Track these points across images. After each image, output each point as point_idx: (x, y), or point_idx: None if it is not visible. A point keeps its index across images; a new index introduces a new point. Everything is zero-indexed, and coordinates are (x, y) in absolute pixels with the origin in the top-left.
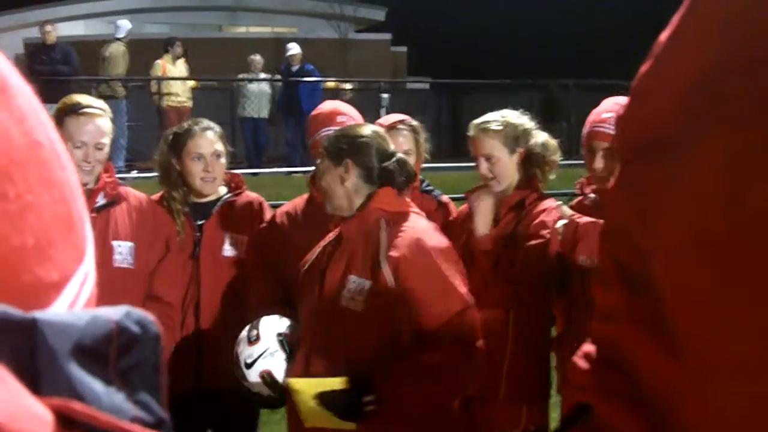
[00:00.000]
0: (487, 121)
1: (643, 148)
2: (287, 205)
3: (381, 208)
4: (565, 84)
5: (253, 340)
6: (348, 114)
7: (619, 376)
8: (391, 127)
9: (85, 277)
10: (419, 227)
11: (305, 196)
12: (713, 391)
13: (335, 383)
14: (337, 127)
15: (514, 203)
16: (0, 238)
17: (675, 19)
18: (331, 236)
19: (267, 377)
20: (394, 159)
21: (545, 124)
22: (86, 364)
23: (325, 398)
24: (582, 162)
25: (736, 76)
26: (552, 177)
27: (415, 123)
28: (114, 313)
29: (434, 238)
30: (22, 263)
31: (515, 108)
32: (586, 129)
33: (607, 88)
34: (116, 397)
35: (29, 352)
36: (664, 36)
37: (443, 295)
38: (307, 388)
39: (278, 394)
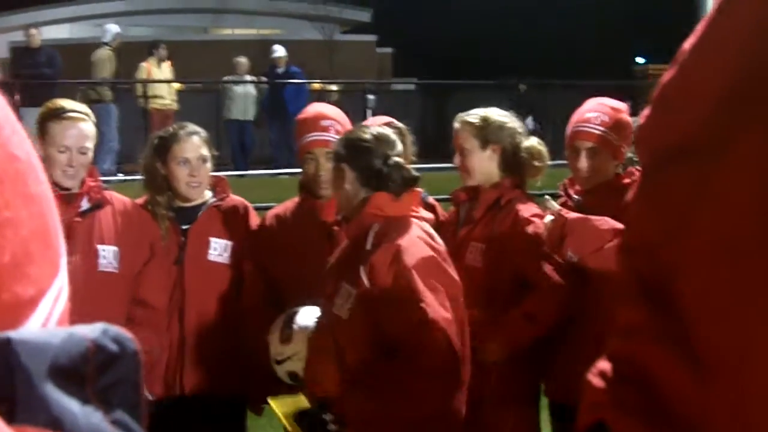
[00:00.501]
0: (467, 114)
1: (667, 157)
2: (277, 208)
3: (375, 213)
4: (551, 84)
5: (285, 339)
6: (333, 118)
7: (638, 393)
8: None
9: (59, 291)
10: (408, 235)
11: (295, 199)
12: (743, 410)
13: (302, 402)
14: (322, 132)
15: (492, 202)
16: None
17: (699, 28)
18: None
19: (292, 377)
20: (390, 163)
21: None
22: (62, 383)
23: (297, 417)
24: (566, 162)
25: None
26: (537, 183)
27: (401, 125)
28: (90, 330)
29: (418, 248)
30: None
31: (504, 108)
32: (569, 129)
33: (591, 88)
34: (94, 416)
35: (4, 373)
36: (688, 44)
37: (409, 306)
38: (281, 407)
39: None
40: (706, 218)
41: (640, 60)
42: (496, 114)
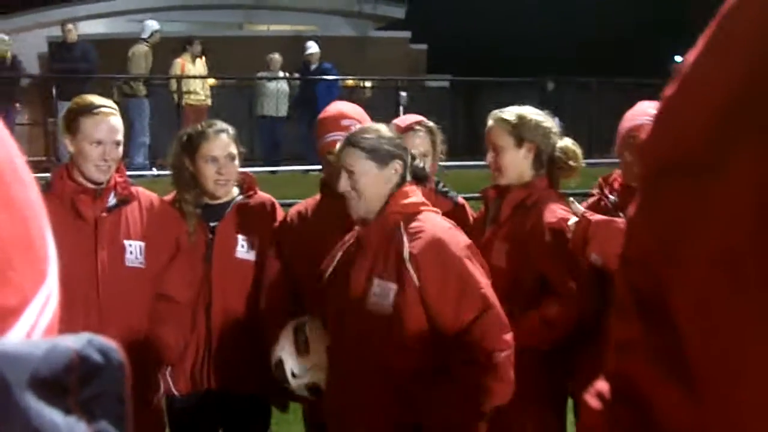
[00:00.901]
0: (502, 112)
1: (666, 171)
2: (299, 205)
3: (399, 211)
4: (587, 82)
5: (303, 351)
6: (354, 117)
7: (634, 414)
8: (408, 129)
9: (46, 300)
10: (438, 225)
11: (317, 196)
12: (737, 429)
13: None
14: (343, 132)
15: (518, 202)
16: None
17: (701, 41)
18: (348, 239)
19: (314, 390)
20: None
21: (567, 123)
22: (44, 394)
23: None
24: (602, 160)
25: None
26: (572, 183)
27: (431, 124)
28: (75, 341)
29: (453, 235)
30: None
31: (535, 106)
32: (630, 124)
33: (627, 86)
34: (77, 427)
35: None
36: (690, 57)
37: (463, 296)
38: None
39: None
40: (702, 232)
41: (678, 58)
42: (532, 112)
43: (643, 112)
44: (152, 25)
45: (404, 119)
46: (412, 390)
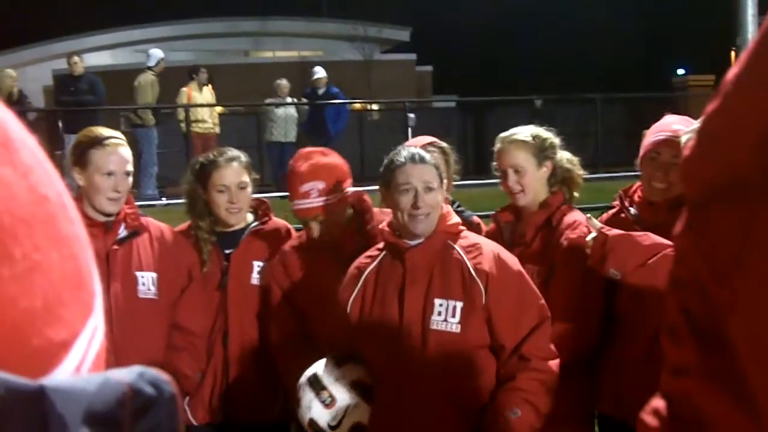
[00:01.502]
0: (516, 133)
1: (716, 192)
2: (293, 240)
3: (445, 230)
4: (591, 98)
5: (328, 403)
6: (313, 179)
7: None
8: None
9: (93, 332)
10: (489, 242)
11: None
12: None
13: None
14: (304, 199)
15: (542, 222)
16: (7, 301)
17: (743, 57)
18: (364, 264)
19: (357, 428)
20: None
21: (572, 139)
22: (99, 430)
23: None
24: (607, 176)
25: None
26: (576, 194)
27: (444, 145)
28: (126, 375)
29: (504, 251)
30: (30, 326)
31: (542, 124)
32: (652, 139)
33: (633, 101)
34: None
35: (39, 422)
36: (732, 74)
37: (523, 308)
38: None
39: None
40: (756, 258)
41: (680, 71)
42: (542, 131)
43: (667, 126)
44: (157, 53)
45: (417, 140)
46: (477, 402)
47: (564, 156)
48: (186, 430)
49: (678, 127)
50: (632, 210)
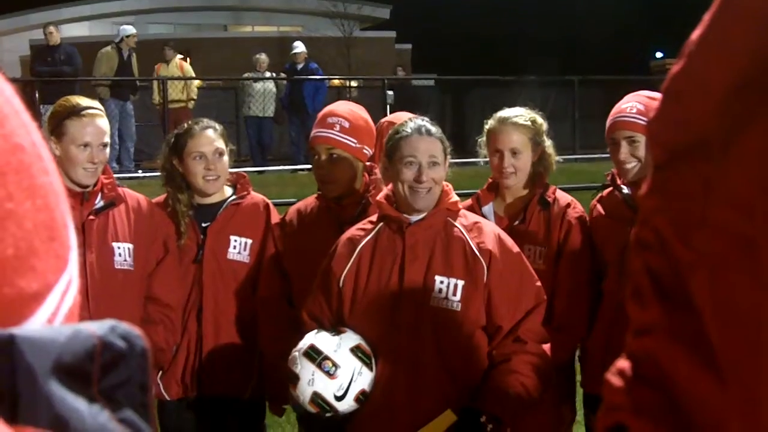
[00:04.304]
0: (516, 115)
1: (678, 151)
2: (299, 204)
3: (446, 208)
4: (569, 80)
5: (332, 372)
6: (341, 115)
7: (656, 394)
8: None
9: (67, 286)
10: (488, 222)
11: (317, 194)
12: (759, 411)
13: (446, 420)
14: (326, 129)
15: (539, 199)
16: None
17: (706, 18)
18: (359, 238)
19: (362, 396)
20: None
21: (550, 121)
22: (68, 382)
23: None
24: (584, 156)
25: None
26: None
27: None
28: (98, 327)
29: (504, 233)
30: (1, 275)
31: (522, 104)
32: (609, 121)
33: (610, 84)
34: (100, 416)
35: (7, 371)
36: (695, 35)
37: (522, 288)
38: None
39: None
40: (717, 215)
41: (658, 54)
42: (538, 116)
43: (617, 109)
44: (127, 29)
45: (398, 116)
46: (471, 381)
47: (547, 142)
48: (159, 405)
49: (627, 105)
50: (624, 189)
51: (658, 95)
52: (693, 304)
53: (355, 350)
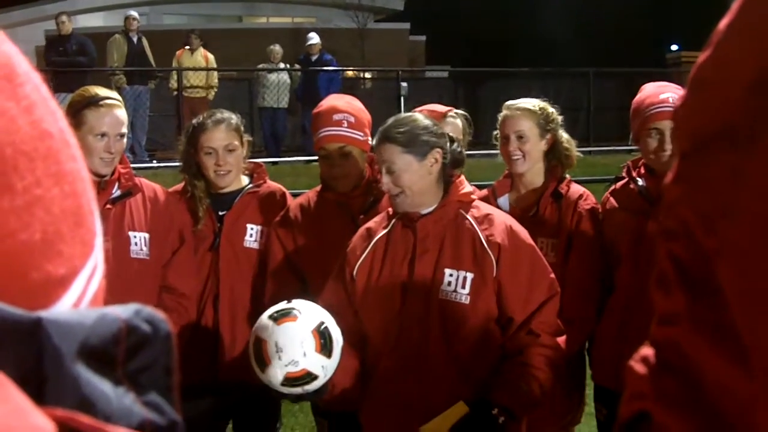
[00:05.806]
0: (523, 102)
1: (705, 140)
2: (300, 198)
3: (458, 200)
4: (584, 72)
5: (327, 352)
6: (346, 110)
7: (680, 382)
8: (443, 116)
9: (93, 271)
10: (500, 213)
11: (317, 188)
12: None
13: (458, 412)
14: (334, 127)
15: (551, 192)
16: (7, 233)
17: (735, 6)
18: (375, 230)
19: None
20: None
21: (565, 113)
22: (94, 364)
23: (461, 430)
24: (598, 148)
25: None
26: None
27: (463, 112)
28: (123, 311)
29: (517, 224)
30: (29, 259)
31: (536, 96)
32: (645, 111)
33: (624, 76)
34: (126, 398)
35: (35, 354)
36: (723, 23)
37: (534, 281)
38: (438, 428)
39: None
40: (744, 205)
41: (673, 47)
42: (548, 105)
43: (655, 97)
44: (129, 13)
45: (435, 107)
46: (480, 373)
47: (564, 135)
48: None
49: (665, 95)
50: (639, 181)
51: (677, 87)
52: (718, 293)
53: (319, 325)
